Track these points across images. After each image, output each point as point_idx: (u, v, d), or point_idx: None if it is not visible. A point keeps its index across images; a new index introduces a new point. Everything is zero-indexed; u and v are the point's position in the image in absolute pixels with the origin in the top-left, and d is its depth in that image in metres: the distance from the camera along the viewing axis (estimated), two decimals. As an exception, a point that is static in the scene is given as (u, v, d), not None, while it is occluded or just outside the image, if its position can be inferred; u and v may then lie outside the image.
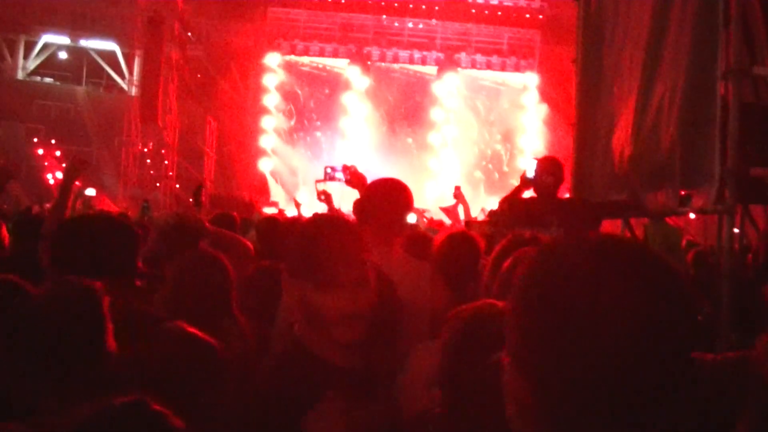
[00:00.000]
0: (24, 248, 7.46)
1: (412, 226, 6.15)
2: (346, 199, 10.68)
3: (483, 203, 37.27)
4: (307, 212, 15.81)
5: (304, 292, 3.07)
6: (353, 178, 7.11)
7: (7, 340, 3.14)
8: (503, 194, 9.19)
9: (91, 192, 28.03)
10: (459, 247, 5.53)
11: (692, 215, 11.71)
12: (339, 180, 8.93)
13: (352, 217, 8.24)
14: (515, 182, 9.62)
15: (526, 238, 4.92)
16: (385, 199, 5.28)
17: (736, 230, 7.56)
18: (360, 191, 6.31)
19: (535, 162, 8.79)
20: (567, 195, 10.23)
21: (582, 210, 8.58)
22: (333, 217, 3.44)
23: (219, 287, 4.66)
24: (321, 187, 10.21)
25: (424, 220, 19.27)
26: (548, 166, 8.62)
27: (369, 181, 6.02)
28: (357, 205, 5.64)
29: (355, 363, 3.13)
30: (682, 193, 7.39)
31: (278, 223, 9.18)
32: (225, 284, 4.71)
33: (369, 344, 3.12)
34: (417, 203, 6.08)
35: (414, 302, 4.72)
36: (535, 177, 8.61)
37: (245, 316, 4.81)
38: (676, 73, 7.34)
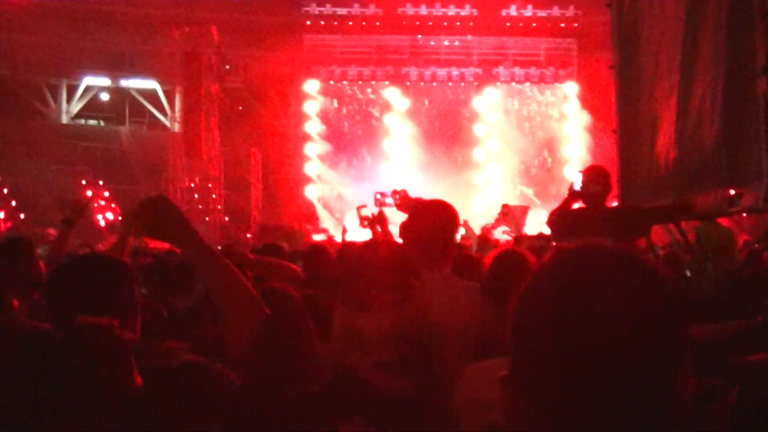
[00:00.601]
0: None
1: (459, 246, 6.07)
2: (392, 223, 10.60)
3: (533, 215, 37.25)
4: (354, 237, 15.78)
5: (348, 314, 3.12)
6: (403, 202, 7.08)
7: (32, 385, 3.14)
8: (551, 205, 9.14)
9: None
10: (508, 265, 5.46)
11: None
12: (389, 205, 8.91)
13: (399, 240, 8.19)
14: (563, 192, 9.55)
15: None
16: (431, 220, 5.23)
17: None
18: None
19: (581, 174, 8.72)
20: (615, 203, 10.15)
21: (631, 217, 8.49)
22: (377, 242, 3.49)
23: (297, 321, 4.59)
24: (364, 212, 10.18)
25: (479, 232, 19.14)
26: (595, 175, 8.55)
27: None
28: (403, 227, 5.58)
29: (400, 385, 3.09)
30: (731, 192, 7.30)
31: (325, 250, 9.15)
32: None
33: (413, 366, 3.11)
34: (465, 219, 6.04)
35: (460, 323, 4.66)
36: (582, 187, 8.54)
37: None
38: (715, 72, 7.26)
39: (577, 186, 8.62)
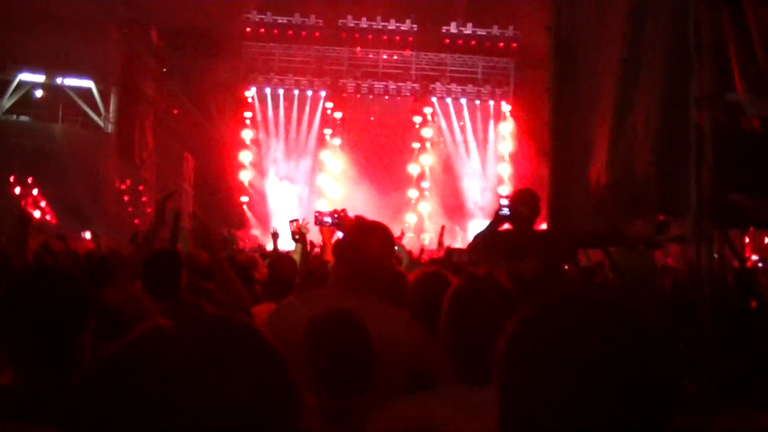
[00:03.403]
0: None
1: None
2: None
3: (462, 232, 37.41)
4: (284, 247, 15.75)
5: None
6: (342, 222, 7.05)
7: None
8: (481, 221, 9.20)
9: (87, 235, 27.95)
10: (429, 286, 5.42)
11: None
12: (327, 224, 8.86)
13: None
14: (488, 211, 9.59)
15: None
16: (367, 246, 5.15)
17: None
18: None
19: (507, 199, 8.79)
20: (543, 226, 10.20)
21: (559, 241, 8.54)
22: None
23: None
24: (294, 226, 10.17)
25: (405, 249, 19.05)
26: (524, 198, 8.61)
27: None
28: (337, 249, 5.50)
29: None
30: (661, 217, 7.36)
31: (290, 259, 9.12)
32: None
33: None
34: (395, 234, 6.02)
35: (391, 352, 4.57)
36: (510, 209, 8.58)
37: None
38: (650, 100, 7.31)
39: (503, 210, 8.67)
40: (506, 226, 8.84)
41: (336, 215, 8.02)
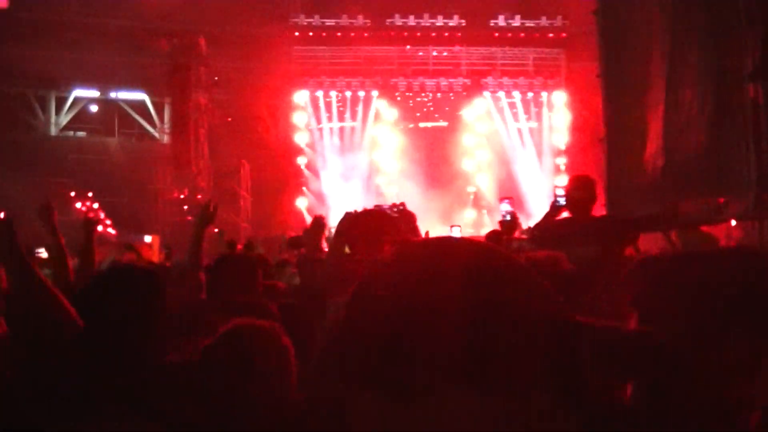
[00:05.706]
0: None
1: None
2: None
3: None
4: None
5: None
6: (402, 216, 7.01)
7: None
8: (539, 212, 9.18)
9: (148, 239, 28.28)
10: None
11: (733, 222, 11.56)
12: None
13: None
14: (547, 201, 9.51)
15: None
16: (364, 226, 5.11)
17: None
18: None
19: (562, 189, 8.79)
20: (602, 213, 10.15)
21: (618, 226, 8.47)
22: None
23: None
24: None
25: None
26: (579, 182, 8.55)
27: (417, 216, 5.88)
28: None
29: None
30: (719, 200, 7.28)
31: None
32: None
33: None
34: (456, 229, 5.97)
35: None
36: (567, 195, 8.53)
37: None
38: (703, 79, 7.24)
39: (560, 198, 8.63)
40: (564, 214, 8.80)
41: (395, 209, 8.03)
